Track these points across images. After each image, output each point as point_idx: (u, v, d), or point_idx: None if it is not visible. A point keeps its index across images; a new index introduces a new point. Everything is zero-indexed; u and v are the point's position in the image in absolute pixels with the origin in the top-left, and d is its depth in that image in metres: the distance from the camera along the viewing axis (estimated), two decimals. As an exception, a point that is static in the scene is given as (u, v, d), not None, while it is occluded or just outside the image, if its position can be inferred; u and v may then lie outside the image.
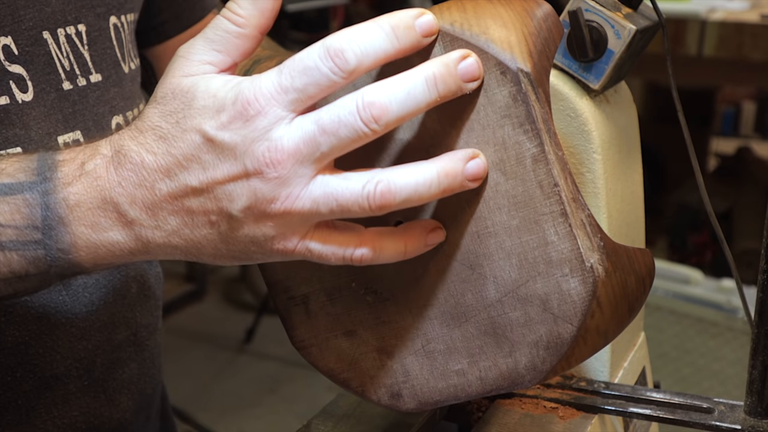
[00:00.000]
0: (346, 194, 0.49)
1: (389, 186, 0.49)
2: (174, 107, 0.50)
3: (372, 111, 0.48)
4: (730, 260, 0.72)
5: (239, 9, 0.50)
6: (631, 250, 0.55)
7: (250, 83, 0.49)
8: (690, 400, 0.65)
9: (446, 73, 0.49)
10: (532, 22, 0.53)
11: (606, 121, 0.69)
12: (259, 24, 0.51)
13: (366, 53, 0.48)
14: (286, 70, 0.48)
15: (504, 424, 0.66)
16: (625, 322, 0.56)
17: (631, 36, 0.66)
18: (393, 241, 0.52)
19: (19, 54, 0.67)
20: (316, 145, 0.48)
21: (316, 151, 0.48)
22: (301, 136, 0.48)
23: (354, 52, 0.47)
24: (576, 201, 0.52)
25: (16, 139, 0.66)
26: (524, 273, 0.53)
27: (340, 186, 0.49)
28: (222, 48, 0.51)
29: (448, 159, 0.50)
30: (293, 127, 0.48)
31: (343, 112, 0.48)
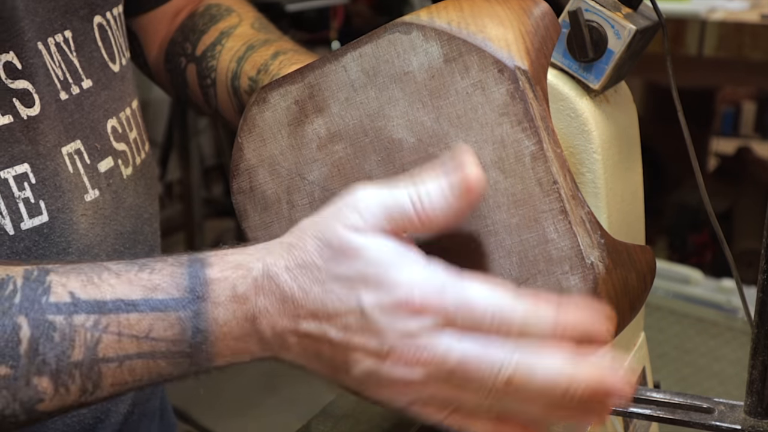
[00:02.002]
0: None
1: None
2: (337, 258, 0.51)
3: (507, 386, 0.48)
4: (730, 260, 0.72)
5: (429, 207, 0.50)
6: (632, 247, 0.55)
7: (420, 278, 0.50)
8: (690, 400, 0.64)
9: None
10: (529, 21, 0.53)
11: (606, 121, 0.69)
12: (439, 225, 0.51)
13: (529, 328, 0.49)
14: (455, 295, 0.49)
15: (504, 423, 0.66)
16: (626, 320, 0.56)
17: (631, 36, 0.66)
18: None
19: (23, 68, 0.66)
20: (445, 370, 0.49)
21: (441, 372, 0.49)
22: (441, 355, 0.49)
23: (518, 325, 0.48)
24: (575, 198, 0.52)
25: (23, 155, 0.66)
26: (525, 271, 0.53)
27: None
28: (393, 225, 0.51)
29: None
30: (438, 342, 0.49)
31: (486, 369, 0.48)
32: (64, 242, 0.69)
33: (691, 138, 0.70)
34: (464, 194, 0.49)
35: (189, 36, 0.88)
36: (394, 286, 0.49)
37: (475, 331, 0.49)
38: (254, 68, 0.81)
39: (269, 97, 0.59)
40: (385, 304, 0.49)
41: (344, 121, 0.57)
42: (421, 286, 0.49)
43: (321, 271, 0.51)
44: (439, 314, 0.49)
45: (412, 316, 0.49)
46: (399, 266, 0.50)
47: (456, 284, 0.49)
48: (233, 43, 0.85)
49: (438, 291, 0.49)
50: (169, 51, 0.90)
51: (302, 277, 0.52)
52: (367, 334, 0.50)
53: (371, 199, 0.51)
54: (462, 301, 0.49)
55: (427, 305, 0.49)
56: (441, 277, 0.50)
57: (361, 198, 0.52)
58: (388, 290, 0.50)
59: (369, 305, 0.50)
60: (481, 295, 0.49)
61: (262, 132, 0.60)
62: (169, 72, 0.90)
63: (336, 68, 0.56)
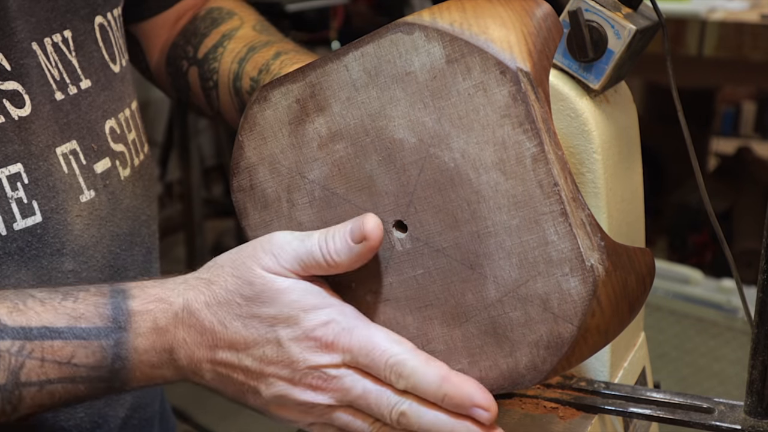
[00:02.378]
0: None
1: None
2: (258, 296, 0.57)
3: (399, 420, 0.55)
4: (730, 260, 0.72)
5: (335, 255, 0.56)
6: (632, 249, 0.55)
7: (332, 319, 0.56)
8: (690, 400, 0.64)
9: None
10: (531, 22, 0.53)
11: (606, 121, 0.69)
12: (345, 268, 0.57)
13: (411, 387, 0.55)
14: (360, 338, 0.56)
15: (504, 424, 0.66)
16: (625, 322, 0.56)
17: (631, 36, 0.66)
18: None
19: (12, 69, 0.66)
20: (348, 399, 0.57)
21: (343, 400, 0.57)
22: (346, 386, 0.56)
23: (407, 376, 0.55)
24: (576, 200, 0.52)
25: (16, 155, 0.66)
26: (524, 272, 0.53)
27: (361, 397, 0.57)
28: (304, 270, 0.57)
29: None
30: (344, 374, 0.56)
31: (383, 402, 0.56)
32: (58, 243, 0.69)
33: (691, 138, 0.70)
34: (363, 240, 0.55)
35: (191, 39, 0.88)
36: (310, 325, 0.56)
37: (372, 372, 0.56)
38: (256, 68, 0.81)
39: (270, 95, 0.59)
40: (300, 339, 0.56)
41: (345, 121, 0.57)
42: (332, 327, 0.56)
43: (241, 307, 0.57)
44: (346, 352, 0.56)
45: (324, 351, 0.56)
46: (314, 308, 0.56)
47: (363, 329, 0.56)
48: (235, 45, 0.85)
49: (347, 332, 0.56)
50: (170, 54, 0.90)
51: (222, 312, 0.57)
52: (281, 364, 0.57)
53: (286, 245, 0.57)
54: (366, 344, 0.55)
55: (336, 343, 0.56)
56: (350, 321, 0.56)
57: (277, 243, 0.57)
58: (304, 328, 0.56)
59: (285, 338, 0.56)
60: (383, 342, 0.55)
61: (262, 130, 0.60)
62: (170, 75, 0.90)
63: (338, 67, 0.56)
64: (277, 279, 0.57)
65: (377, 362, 0.55)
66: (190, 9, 0.91)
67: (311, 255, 0.57)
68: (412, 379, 0.54)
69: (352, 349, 0.56)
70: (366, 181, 0.57)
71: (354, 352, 0.56)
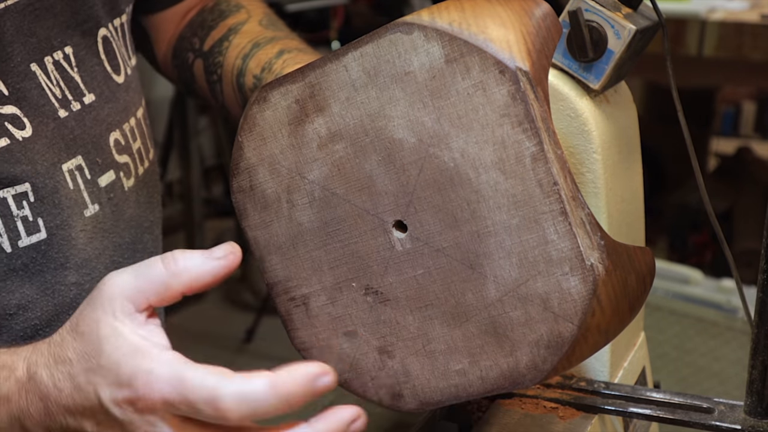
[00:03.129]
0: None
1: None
2: (86, 349, 0.52)
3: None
4: (730, 260, 0.72)
5: (182, 263, 0.53)
6: (632, 248, 0.55)
7: (148, 375, 0.51)
8: (690, 400, 0.64)
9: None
10: (530, 21, 0.53)
11: (606, 121, 0.69)
12: (190, 285, 0.54)
13: (247, 412, 0.50)
14: (181, 391, 0.50)
15: (504, 424, 0.66)
16: (626, 321, 0.56)
17: (631, 36, 0.66)
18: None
19: (9, 94, 0.66)
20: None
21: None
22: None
23: (237, 410, 0.50)
24: (575, 199, 0.52)
25: (24, 175, 0.66)
26: (524, 272, 0.53)
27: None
28: (142, 301, 0.53)
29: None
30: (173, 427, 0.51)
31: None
32: (62, 257, 0.68)
33: (691, 138, 0.70)
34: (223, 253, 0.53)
35: (197, 31, 0.88)
36: (126, 381, 0.51)
37: (198, 417, 0.51)
38: (259, 66, 0.81)
39: (270, 96, 0.59)
40: (119, 398, 0.51)
41: (345, 121, 0.57)
42: (149, 385, 0.51)
43: (73, 364, 0.53)
44: (167, 409, 0.51)
45: (144, 413, 0.51)
46: (131, 360, 0.51)
47: (181, 378, 0.50)
48: (240, 40, 0.84)
49: (164, 392, 0.50)
50: (177, 46, 0.90)
51: (57, 373, 0.53)
52: (114, 427, 0.52)
53: (119, 282, 0.53)
54: (186, 404, 0.50)
55: (154, 401, 0.50)
56: (171, 369, 0.51)
57: (109, 283, 0.53)
58: (120, 385, 0.51)
59: (107, 400, 0.52)
60: (192, 380, 0.50)
61: (262, 131, 0.60)
62: (176, 67, 0.90)
63: (337, 68, 0.56)
64: (101, 326, 0.53)
65: (198, 410, 0.50)
66: (200, 2, 0.92)
67: (150, 277, 0.53)
68: (243, 407, 0.50)
69: (173, 402, 0.51)
70: (366, 181, 0.57)
71: (175, 403, 0.51)
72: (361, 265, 0.58)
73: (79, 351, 0.53)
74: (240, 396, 0.49)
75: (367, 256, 0.58)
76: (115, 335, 0.52)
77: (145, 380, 0.51)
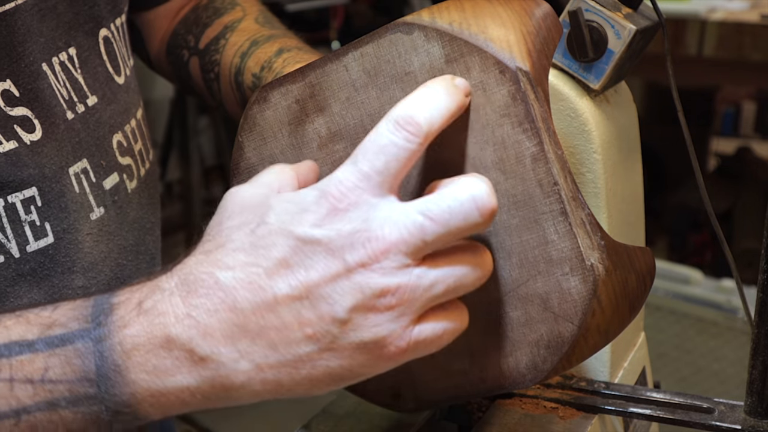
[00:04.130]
0: (457, 268, 0.47)
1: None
2: (245, 219, 0.47)
3: (485, 201, 0.45)
4: (730, 260, 0.72)
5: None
6: (632, 248, 0.55)
7: (328, 181, 0.46)
8: (690, 400, 0.65)
9: None
10: (531, 21, 0.53)
11: (606, 121, 0.69)
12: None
13: (433, 114, 0.47)
14: (360, 155, 0.46)
15: (504, 424, 0.66)
16: (626, 321, 0.56)
17: (631, 36, 0.66)
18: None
19: (21, 95, 0.65)
20: (422, 234, 0.45)
21: (421, 241, 0.45)
22: (406, 226, 0.45)
23: (423, 116, 0.46)
24: (576, 200, 0.52)
25: (31, 179, 0.65)
26: (524, 272, 0.53)
27: (450, 262, 0.46)
28: (279, 176, 0.51)
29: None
30: (395, 215, 0.45)
31: (455, 203, 0.45)
32: (69, 262, 0.68)
33: (691, 138, 0.70)
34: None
35: (192, 29, 0.87)
36: (312, 203, 0.46)
37: (405, 168, 0.46)
38: (258, 65, 0.81)
39: (270, 96, 0.59)
40: (313, 219, 0.45)
41: (345, 121, 0.57)
42: (335, 185, 0.46)
43: (235, 240, 0.47)
44: (369, 188, 0.46)
45: (349, 210, 0.45)
46: (302, 192, 0.47)
47: (355, 159, 0.46)
48: (237, 38, 0.84)
49: (353, 175, 0.45)
50: (170, 43, 0.89)
51: (219, 256, 0.46)
52: (319, 260, 0.44)
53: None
54: (373, 155, 0.46)
55: (352, 191, 0.46)
56: (348, 169, 0.46)
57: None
58: (308, 209, 0.46)
59: (300, 229, 0.45)
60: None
61: (262, 131, 0.60)
62: (171, 65, 0.90)
63: (337, 68, 0.56)
64: (252, 195, 0.48)
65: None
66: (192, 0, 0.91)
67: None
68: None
69: (365, 172, 0.45)
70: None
71: (374, 168, 0.45)
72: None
73: (236, 225, 0.46)
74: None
75: (367, 256, 0.58)
76: (272, 193, 0.48)
77: (333, 187, 0.45)
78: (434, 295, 0.46)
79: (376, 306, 0.45)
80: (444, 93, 0.48)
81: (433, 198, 0.46)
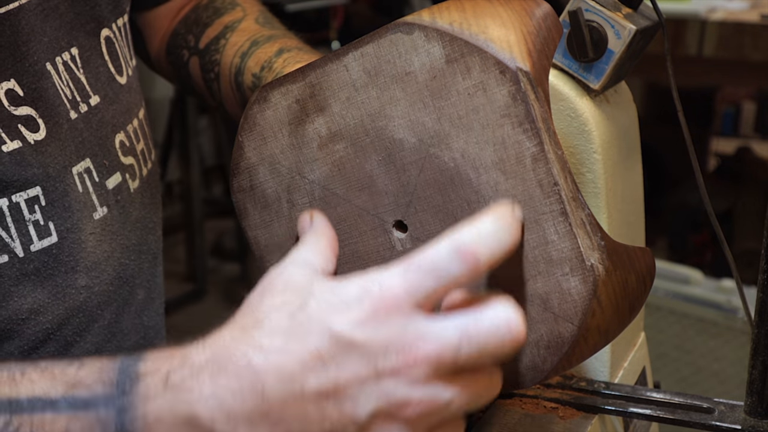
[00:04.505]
0: (480, 385, 0.46)
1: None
2: (287, 299, 0.46)
3: (519, 331, 0.45)
4: (730, 260, 0.72)
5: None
6: (631, 248, 0.55)
7: (373, 280, 0.45)
8: (690, 400, 0.65)
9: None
10: (531, 22, 0.53)
11: (606, 121, 0.69)
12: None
13: (494, 253, 0.45)
14: (414, 269, 0.45)
15: (504, 424, 0.66)
16: (626, 321, 0.56)
17: (631, 36, 0.66)
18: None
19: (25, 95, 0.65)
20: (456, 353, 0.44)
21: (453, 359, 0.44)
22: (443, 341, 0.44)
23: (485, 254, 0.45)
24: (576, 200, 0.52)
25: (35, 179, 0.65)
26: (525, 272, 0.53)
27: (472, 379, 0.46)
28: (320, 253, 0.50)
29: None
30: (434, 329, 0.44)
31: (493, 328, 0.44)
32: (72, 261, 0.68)
33: (691, 138, 0.70)
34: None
35: (192, 28, 0.87)
36: (355, 300, 0.45)
37: (448, 292, 0.46)
38: (258, 65, 0.81)
39: (270, 95, 0.59)
40: (354, 318, 0.45)
41: (345, 121, 0.57)
42: (380, 288, 0.45)
43: (273, 320, 0.47)
44: (412, 302, 0.45)
45: (390, 317, 0.45)
46: (346, 284, 0.46)
47: (407, 269, 0.45)
48: (237, 38, 0.84)
49: (400, 284, 0.45)
50: (170, 43, 0.89)
51: (255, 336, 0.46)
52: (352, 360, 0.44)
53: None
54: (425, 273, 0.45)
55: (396, 299, 0.45)
56: (397, 274, 0.45)
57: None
58: (350, 306, 0.45)
59: (340, 326, 0.45)
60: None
61: (262, 131, 0.60)
62: (171, 64, 0.90)
63: (337, 68, 0.56)
64: (296, 273, 0.48)
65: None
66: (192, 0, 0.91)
67: (317, 237, 0.51)
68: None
69: (413, 286, 0.45)
70: (366, 181, 0.57)
71: (422, 285, 0.45)
72: (361, 265, 0.58)
73: (276, 304, 0.46)
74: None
75: (367, 256, 0.58)
76: (317, 278, 0.47)
77: (379, 289, 0.45)
78: (451, 412, 0.46)
79: (396, 415, 0.45)
80: (508, 230, 0.46)
81: (474, 318, 0.45)
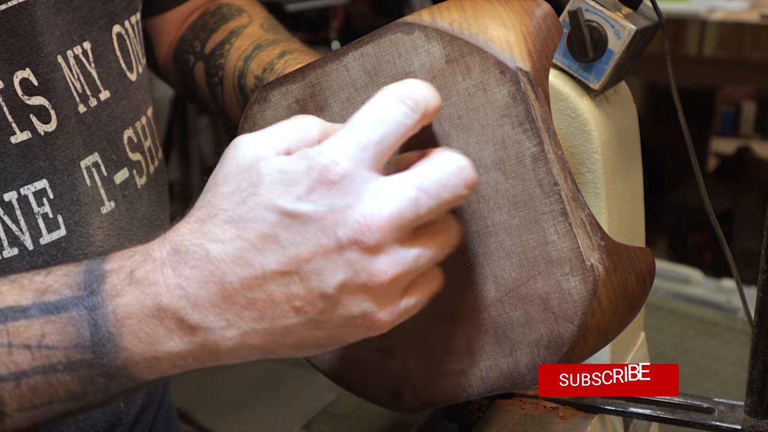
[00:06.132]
0: (442, 242, 0.48)
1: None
2: (236, 186, 0.46)
3: (470, 172, 0.46)
4: (730, 260, 0.72)
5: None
6: (631, 248, 0.55)
7: (320, 149, 0.45)
8: (690, 400, 0.65)
9: None
10: (531, 22, 0.53)
11: (606, 121, 0.69)
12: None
13: (429, 95, 0.47)
14: (357, 125, 0.46)
15: (504, 424, 0.66)
16: (625, 321, 0.56)
17: (631, 36, 0.66)
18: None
19: (39, 84, 0.65)
20: (416, 208, 0.45)
21: (415, 215, 0.45)
22: (400, 200, 0.45)
23: (422, 94, 0.46)
24: (576, 200, 0.52)
25: (42, 171, 0.66)
26: (524, 272, 0.53)
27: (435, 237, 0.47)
28: (280, 132, 0.49)
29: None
30: (389, 189, 0.45)
31: (445, 175, 0.45)
32: (81, 255, 0.69)
33: (691, 138, 0.70)
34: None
35: (198, 34, 0.88)
36: (303, 173, 0.45)
37: (398, 143, 0.47)
38: (260, 67, 0.81)
39: (270, 95, 0.59)
40: (302, 192, 0.45)
41: (345, 121, 0.57)
42: (327, 155, 0.45)
43: (227, 210, 0.47)
44: (363, 160, 0.46)
45: (341, 182, 0.45)
46: (292, 159, 0.46)
47: (351, 128, 0.46)
48: (241, 42, 0.85)
49: (347, 145, 0.45)
50: (178, 49, 0.90)
51: (209, 227, 0.46)
52: (311, 235, 0.44)
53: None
54: (370, 126, 0.46)
55: (346, 161, 0.45)
56: (342, 138, 0.46)
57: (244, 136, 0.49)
58: (298, 181, 0.45)
59: (289, 204, 0.45)
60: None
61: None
62: (177, 70, 0.90)
63: (337, 68, 0.56)
64: (244, 157, 0.47)
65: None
66: (202, 6, 0.92)
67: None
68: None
69: (360, 143, 0.45)
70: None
71: (369, 139, 0.45)
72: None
73: (227, 193, 0.46)
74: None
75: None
76: (264, 158, 0.46)
77: (325, 156, 0.44)
78: (420, 269, 0.47)
79: (366, 284, 0.45)
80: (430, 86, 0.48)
81: (424, 171, 0.46)
